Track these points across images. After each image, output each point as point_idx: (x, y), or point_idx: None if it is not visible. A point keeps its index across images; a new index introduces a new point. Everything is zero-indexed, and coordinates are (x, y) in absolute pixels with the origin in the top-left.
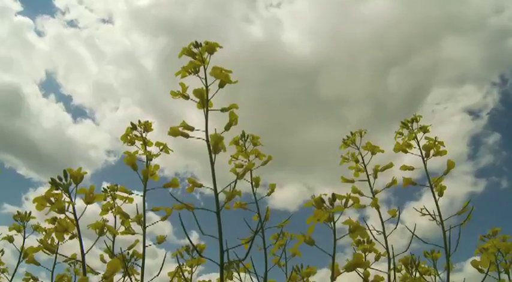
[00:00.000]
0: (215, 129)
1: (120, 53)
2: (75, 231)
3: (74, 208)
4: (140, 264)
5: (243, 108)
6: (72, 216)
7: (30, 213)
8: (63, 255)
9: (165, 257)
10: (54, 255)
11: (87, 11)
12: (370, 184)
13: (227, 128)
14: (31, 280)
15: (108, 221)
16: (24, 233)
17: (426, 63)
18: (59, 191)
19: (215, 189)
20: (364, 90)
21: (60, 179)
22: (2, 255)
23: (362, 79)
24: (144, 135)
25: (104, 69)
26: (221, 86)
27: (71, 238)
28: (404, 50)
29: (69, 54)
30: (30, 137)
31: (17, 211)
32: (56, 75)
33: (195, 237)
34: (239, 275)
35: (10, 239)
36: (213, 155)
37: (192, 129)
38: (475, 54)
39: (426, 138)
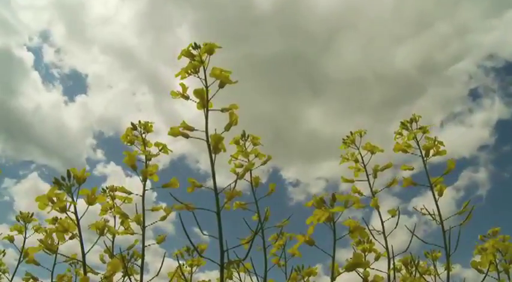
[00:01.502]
0: (215, 129)
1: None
2: (75, 231)
3: (75, 208)
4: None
5: (248, 79)
6: (73, 216)
7: (32, 214)
8: (63, 255)
9: (164, 256)
10: (55, 255)
11: None
12: (369, 184)
13: (227, 128)
14: (31, 280)
15: (108, 221)
16: (25, 234)
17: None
18: (61, 191)
19: (215, 190)
20: (380, 63)
21: (63, 179)
22: (3, 256)
23: (379, 50)
24: (143, 135)
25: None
26: (221, 86)
27: (71, 238)
28: (424, 24)
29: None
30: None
31: (20, 211)
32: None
33: (199, 235)
34: (239, 275)
35: (11, 239)
36: (213, 155)
37: (192, 129)
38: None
39: (426, 138)
